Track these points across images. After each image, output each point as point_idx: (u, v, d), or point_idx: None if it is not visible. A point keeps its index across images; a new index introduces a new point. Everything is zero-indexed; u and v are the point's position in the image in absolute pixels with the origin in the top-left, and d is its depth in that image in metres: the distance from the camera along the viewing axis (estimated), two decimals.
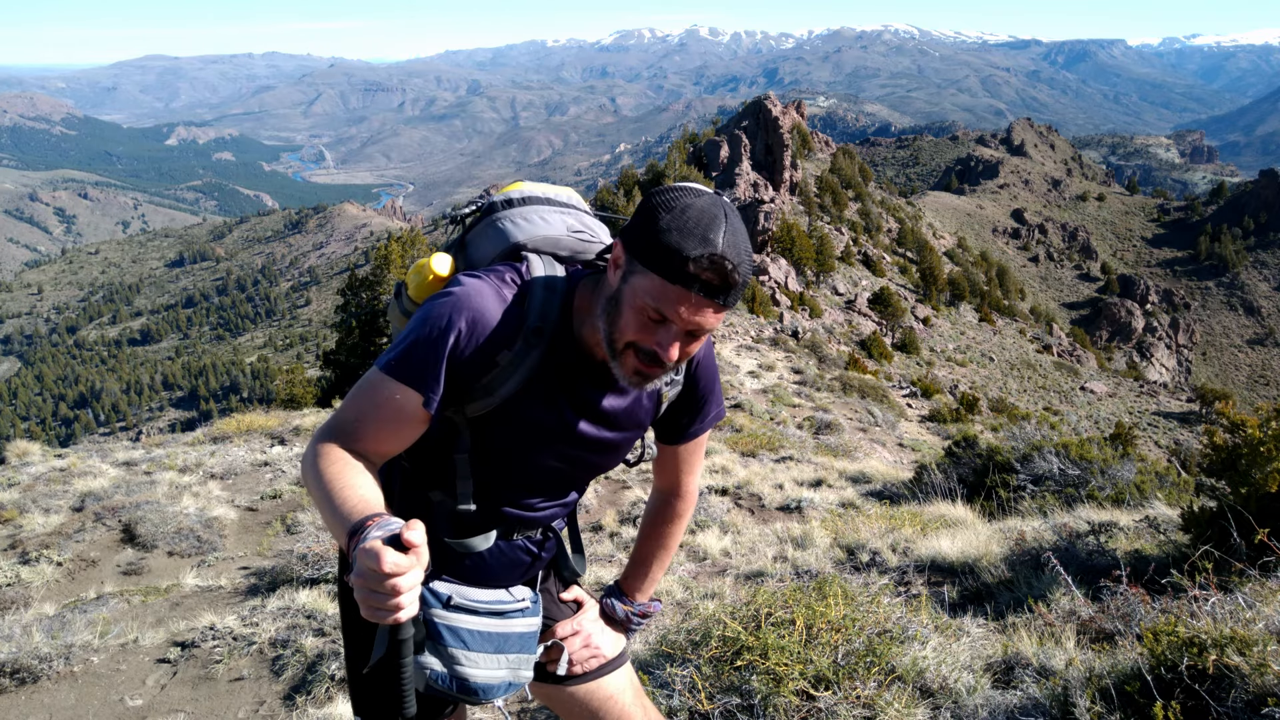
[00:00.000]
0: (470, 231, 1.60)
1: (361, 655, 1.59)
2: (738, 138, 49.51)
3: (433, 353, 1.36)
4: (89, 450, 9.46)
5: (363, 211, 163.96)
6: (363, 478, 1.29)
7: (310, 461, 1.33)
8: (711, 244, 1.22)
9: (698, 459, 1.72)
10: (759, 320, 26.68)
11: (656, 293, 1.26)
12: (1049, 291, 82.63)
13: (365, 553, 1.08)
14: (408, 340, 1.38)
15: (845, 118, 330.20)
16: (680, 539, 1.80)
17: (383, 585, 1.07)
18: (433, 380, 1.36)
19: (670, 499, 1.74)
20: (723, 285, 1.25)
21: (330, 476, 1.28)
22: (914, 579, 3.92)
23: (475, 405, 1.42)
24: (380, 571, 1.06)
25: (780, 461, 9.08)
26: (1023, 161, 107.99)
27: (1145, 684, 2.04)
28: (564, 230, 1.55)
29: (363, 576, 1.08)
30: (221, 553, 5.92)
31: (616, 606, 1.77)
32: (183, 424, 63.41)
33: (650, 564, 1.77)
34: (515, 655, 1.49)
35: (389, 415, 1.37)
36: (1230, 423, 3.63)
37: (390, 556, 1.06)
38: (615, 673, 1.73)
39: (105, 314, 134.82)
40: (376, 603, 1.09)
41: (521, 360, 1.40)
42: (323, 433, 1.38)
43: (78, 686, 3.66)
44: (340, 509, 1.22)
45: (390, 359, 1.38)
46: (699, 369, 1.59)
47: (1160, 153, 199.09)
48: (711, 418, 1.66)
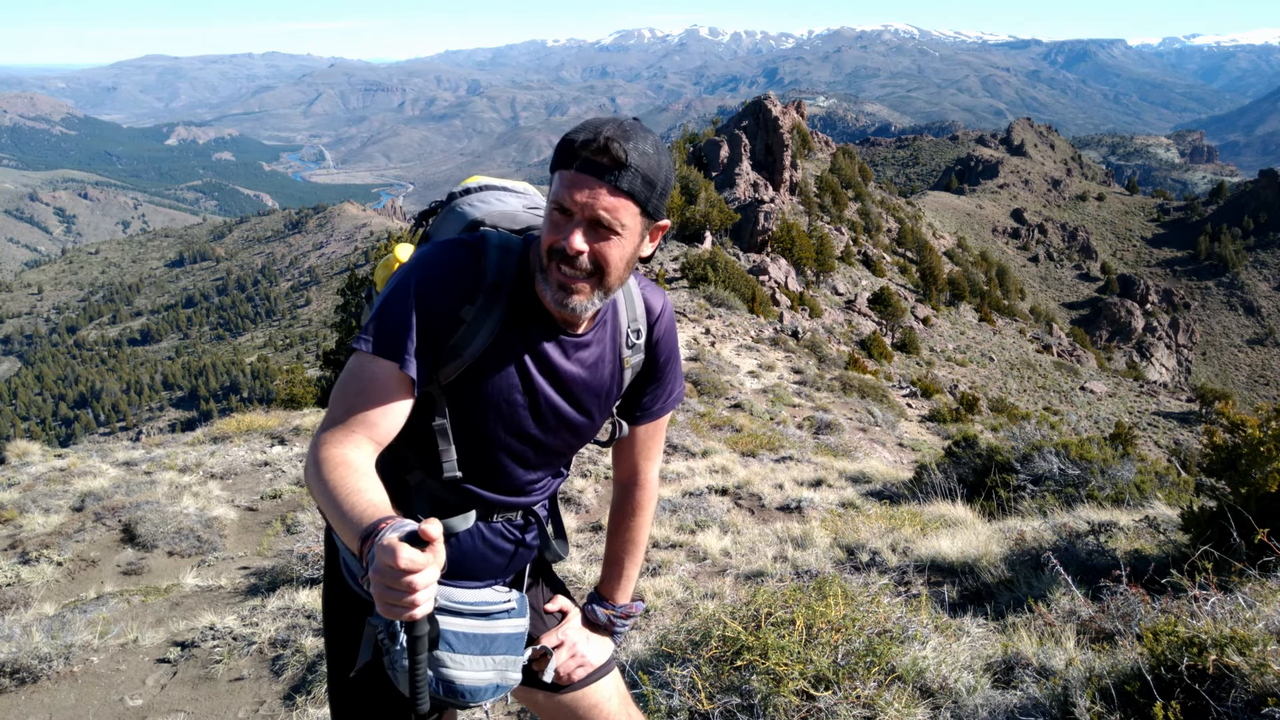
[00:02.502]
0: (431, 226, 1.67)
1: (345, 662, 1.58)
2: (738, 138, 49.49)
3: (400, 318, 1.39)
4: (89, 450, 9.45)
5: (363, 211, 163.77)
6: (367, 481, 1.30)
7: (313, 470, 1.33)
8: (594, 128, 1.31)
9: (657, 445, 1.74)
10: (759, 320, 26.67)
11: (556, 185, 1.34)
12: (1049, 291, 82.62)
13: (382, 549, 1.09)
14: (374, 315, 1.42)
15: (845, 118, 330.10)
16: (648, 532, 1.79)
17: (399, 581, 1.08)
18: (407, 344, 1.39)
19: (631, 490, 1.75)
20: (609, 163, 1.30)
21: (335, 483, 1.28)
22: (914, 579, 3.92)
23: (447, 370, 1.44)
24: (397, 567, 1.07)
25: (780, 461, 9.08)
26: (1023, 161, 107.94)
27: (1145, 684, 2.04)
28: (520, 207, 1.61)
29: (380, 573, 1.09)
30: (221, 553, 5.92)
31: (598, 612, 1.76)
32: (183, 424, 63.40)
33: (623, 562, 1.78)
34: (502, 657, 1.48)
35: (376, 393, 1.38)
36: (1230, 423, 3.63)
37: (406, 552, 1.07)
38: (602, 680, 1.72)
39: (105, 314, 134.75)
40: (393, 599, 1.10)
41: (485, 317, 1.43)
42: (319, 434, 1.38)
43: (78, 686, 3.66)
44: (350, 514, 1.23)
45: (361, 337, 1.41)
46: (659, 342, 1.63)
47: (1160, 153, 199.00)
48: (674, 397, 1.69)
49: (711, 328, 22.11)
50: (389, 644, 1.36)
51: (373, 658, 1.45)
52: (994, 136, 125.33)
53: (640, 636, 3.47)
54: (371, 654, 1.45)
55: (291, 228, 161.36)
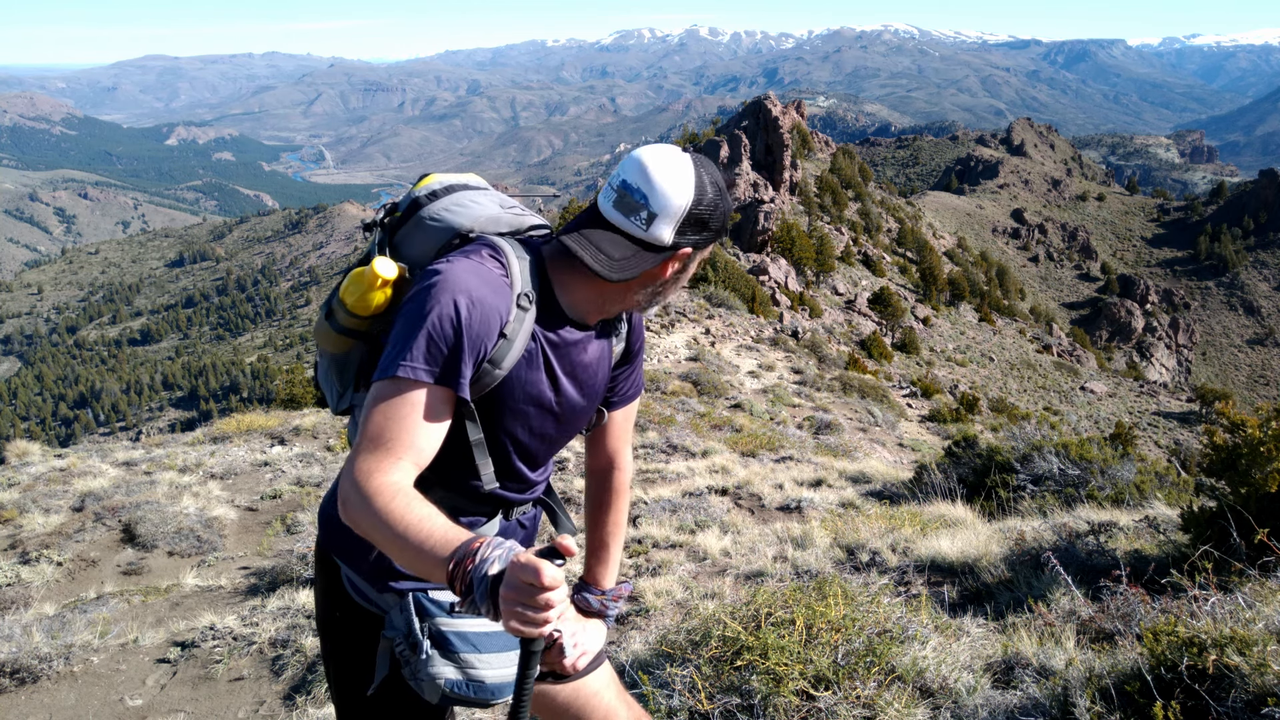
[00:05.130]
0: (398, 233, 1.57)
1: (357, 680, 1.58)
2: (738, 138, 49.50)
3: (449, 339, 1.35)
4: (89, 450, 9.44)
5: (363, 211, 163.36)
6: (429, 507, 1.26)
7: (363, 503, 1.27)
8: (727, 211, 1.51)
9: (630, 427, 1.80)
10: (759, 320, 26.67)
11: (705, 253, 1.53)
12: (1049, 291, 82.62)
13: (523, 568, 1.08)
14: (415, 335, 1.34)
15: (845, 118, 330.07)
16: (627, 514, 1.82)
17: (537, 599, 1.07)
18: (458, 367, 1.36)
19: (610, 474, 1.78)
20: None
21: (399, 513, 1.23)
22: (914, 579, 3.92)
23: (481, 384, 1.44)
24: (540, 585, 1.07)
25: (780, 461, 9.08)
26: (1023, 161, 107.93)
27: (1145, 684, 2.04)
28: (498, 208, 1.58)
29: (518, 591, 1.08)
30: (221, 553, 5.92)
31: (589, 599, 1.77)
32: (183, 424, 63.40)
33: (609, 546, 1.80)
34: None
35: (423, 417, 1.34)
36: (1230, 423, 3.63)
37: (550, 571, 1.07)
38: (599, 669, 1.72)
39: (105, 314, 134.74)
40: (531, 616, 1.09)
41: (519, 329, 1.44)
42: (360, 463, 1.31)
43: (78, 686, 3.66)
44: (427, 542, 1.19)
45: (405, 359, 1.33)
46: (635, 329, 1.70)
47: (1160, 153, 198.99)
48: (640, 381, 1.77)
49: (711, 328, 22.11)
50: (410, 654, 1.36)
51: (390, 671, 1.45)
52: (994, 136, 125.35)
53: (640, 636, 3.47)
54: (389, 667, 1.45)
55: (291, 228, 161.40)
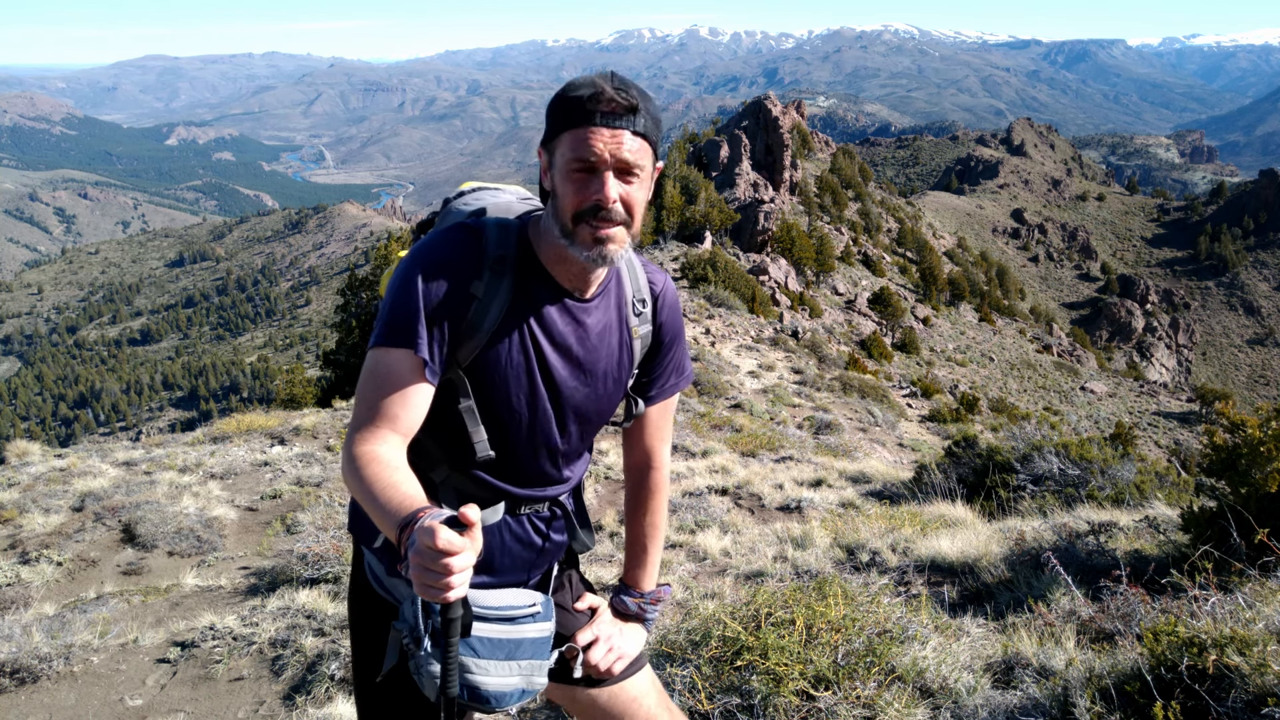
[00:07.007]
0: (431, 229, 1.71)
1: (371, 666, 1.59)
2: (738, 138, 49.48)
3: (408, 305, 1.42)
4: (89, 450, 9.44)
5: (363, 211, 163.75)
6: (401, 474, 1.34)
7: (348, 468, 1.38)
8: (592, 84, 1.37)
9: (669, 425, 1.77)
10: (759, 320, 26.66)
11: (572, 145, 1.37)
12: (1049, 291, 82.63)
13: (422, 531, 1.12)
14: (384, 309, 1.45)
15: (845, 118, 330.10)
16: (666, 514, 1.80)
17: (437, 563, 1.11)
18: (417, 329, 1.42)
19: (647, 473, 1.76)
20: (624, 108, 1.36)
21: (370, 478, 1.33)
22: (914, 579, 3.92)
23: (465, 349, 1.46)
24: (435, 548, 1.10)
25: (780, 461, 9.08)
26: (1023, 161, 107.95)
27: (1145, 684, 2.04)
28: (514, 199, 1.66)
29: (419, 554, 1.12)
30: (221, 553, 5.92)
31: (627, 601, 1.77)
32: (183, 424, 63.41)
33: (647, 547, 1.78)
34: (528, 661, 1.47)
35: (394, 385, 1.41)
36: (1230, 423, 3.63)
37: (445, 534, 1.10)
38: (639, 674, 1.72)
39: (105, 314, 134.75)
40: (430, 580, 1.13)
41: (495, 290, 1.46)
42: (350, 434, 1.43)
43: (78, 686, 3.66)
44: (387, 506, 1.27)
45: (376, 333, 1.45)
46: (665, 319, 1.66)
47: (1160, 153, 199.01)
48: (686, 375, 1.74)
49: (712, 328, 22.11)
50: (414, 648, 1.36)
51: (399, 661, 1.45)
52: (994, 136, 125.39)
53: None
54: (398, 658, 1.45)
55: (291, 228, 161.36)
